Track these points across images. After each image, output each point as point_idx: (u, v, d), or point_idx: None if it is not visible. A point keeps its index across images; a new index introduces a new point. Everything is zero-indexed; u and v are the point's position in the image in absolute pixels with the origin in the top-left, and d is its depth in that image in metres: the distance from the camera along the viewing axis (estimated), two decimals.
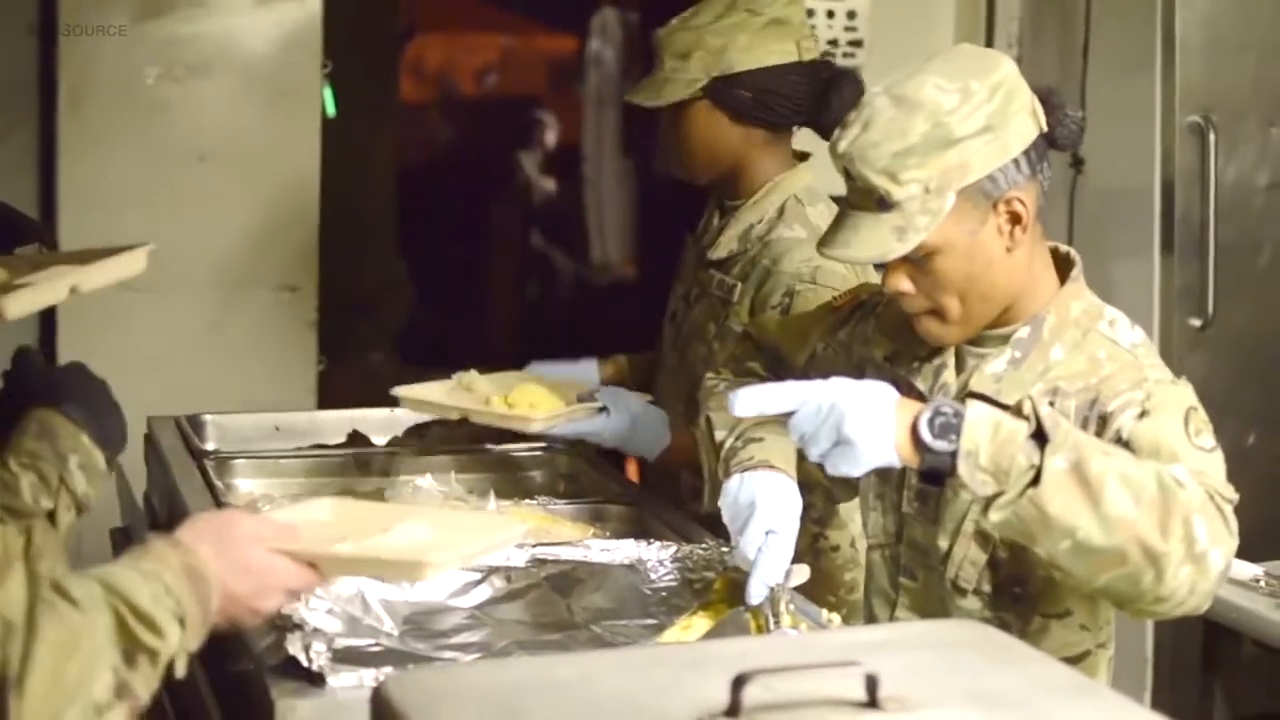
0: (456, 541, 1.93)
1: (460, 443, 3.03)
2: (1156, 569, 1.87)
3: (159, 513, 2.88)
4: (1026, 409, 1.88)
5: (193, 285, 4.31)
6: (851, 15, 4.68)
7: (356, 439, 3.11)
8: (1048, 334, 2.13)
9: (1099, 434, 2.03)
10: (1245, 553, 3.02)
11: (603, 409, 2.81)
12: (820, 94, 2.83)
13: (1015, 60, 2.19)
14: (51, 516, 1.87)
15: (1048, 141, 2.11)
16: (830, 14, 4.63)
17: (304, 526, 1.91)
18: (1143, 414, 2.02)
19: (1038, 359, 2.12)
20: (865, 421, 1.90)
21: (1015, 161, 2.07)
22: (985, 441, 1.86)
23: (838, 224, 2.12)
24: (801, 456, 2.16)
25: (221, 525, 1.76)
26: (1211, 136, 4.01)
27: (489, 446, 3.02)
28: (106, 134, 4.26)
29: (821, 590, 2.77)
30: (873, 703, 1.38)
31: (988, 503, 1.88)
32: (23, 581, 1.47)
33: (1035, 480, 1.84)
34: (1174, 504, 1.87)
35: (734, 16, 2.83)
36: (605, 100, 8.10)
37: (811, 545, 2.84)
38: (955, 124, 2.03)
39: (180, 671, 1.65)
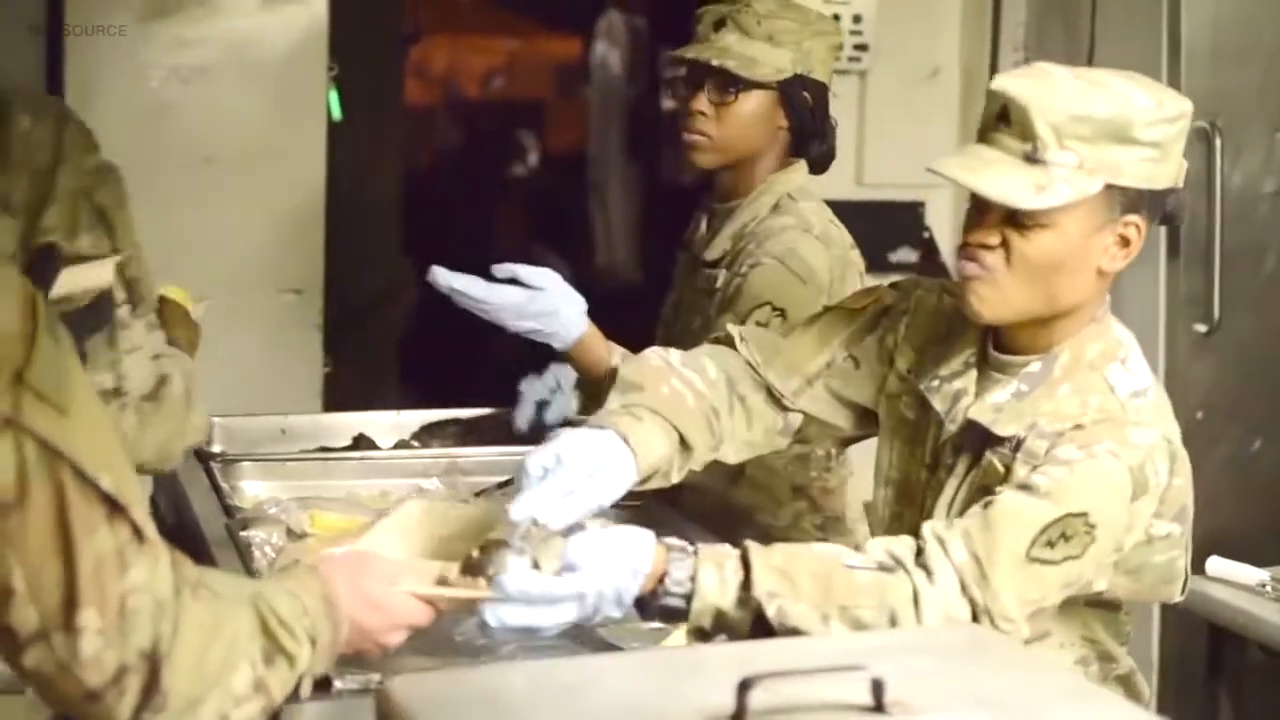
0: None
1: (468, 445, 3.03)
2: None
3: (165, 515, 2.88)
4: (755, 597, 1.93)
5: (198, 288, 4.29)
6: (857, 19, 4.68)
7: (362, 442, 3.11)
8: (1059, 372, 2.10)
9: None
10: (1251, 558, 3.04)
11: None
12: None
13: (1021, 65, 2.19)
14: None
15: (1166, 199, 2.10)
16: (836, 18, 4.61)
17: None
18: (1028, 484, 1.98)
19: (1042, 395, 2.09)
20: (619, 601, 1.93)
21: (1155, 193, 2.05)
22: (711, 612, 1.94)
23: (967, 153, 2.07)
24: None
25: (357, 563, 1.86)
26: (1217, 142, 4.01)
27: (495, 449, 3.02)
28: (112, 136, 4.24)
29: None
30: (878, 707, 1.38)
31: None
32: (169, 563, 1.53)
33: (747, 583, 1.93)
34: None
35: (819, 26, 2.90)
36: (611, 104, 8.10)
37: None
38: (1139, 125, 2.01)
39: (305, 692, 1.72)
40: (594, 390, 2.62)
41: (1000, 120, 2.03)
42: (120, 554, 1.48)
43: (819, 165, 2.95)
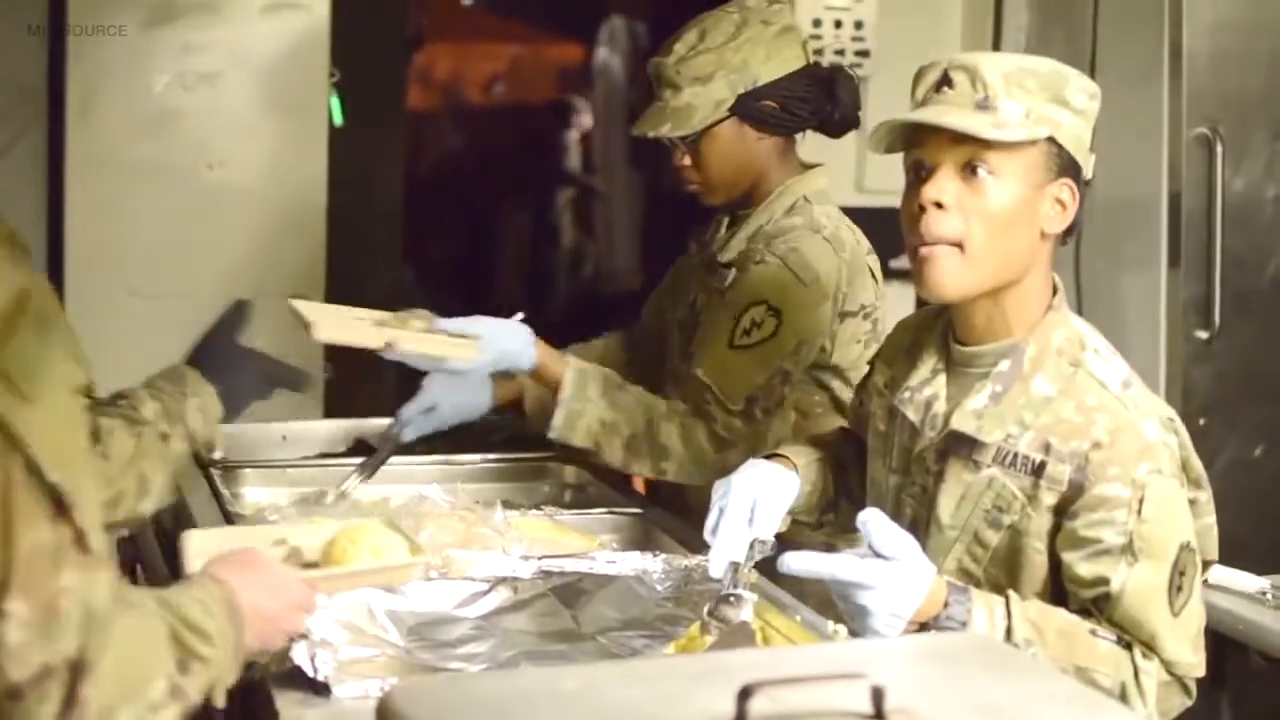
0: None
1: (467, 452, 3.03)
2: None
3: (165, 522, 2.88)
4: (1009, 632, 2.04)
5: (200, 293, 4.30)
6: (859, 25, 4.69)
7: (362, 448, 3.11)
8: (1028, 365, 2.13)
9: (1073, 501, 2.06)
10: (1251, 565, 3.03)
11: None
12: (826, 93, 2.89)
13: None
14: (165, 439, 2.24)
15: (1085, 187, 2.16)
16: (838, 24, 4.64)
17: None
18: (1130, 546, 2.04)
19: (1018, 392, 2.12)
20: (886, 622, 2.00)
21: (1080, 164, 2.12)
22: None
23: (915, 113, 2.13)
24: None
25: (245, 556, 1.87)
26: (1219, 148, 4.01)
27: (496, 456, 3.02)
28: (115, 141, 4.26)
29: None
30: (878, 715, 1.38)
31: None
32: (110, 578, 1.54)
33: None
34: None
35: (748, 31, 2.84)
36: (613, 110, 8.10)
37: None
38: (1071, 88, 2.10)
39: (219, 701, 1.73)
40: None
41: (943, 85, 2.11)
42: (57, 553, 1.46)
43: (843, 126, 2.93)
